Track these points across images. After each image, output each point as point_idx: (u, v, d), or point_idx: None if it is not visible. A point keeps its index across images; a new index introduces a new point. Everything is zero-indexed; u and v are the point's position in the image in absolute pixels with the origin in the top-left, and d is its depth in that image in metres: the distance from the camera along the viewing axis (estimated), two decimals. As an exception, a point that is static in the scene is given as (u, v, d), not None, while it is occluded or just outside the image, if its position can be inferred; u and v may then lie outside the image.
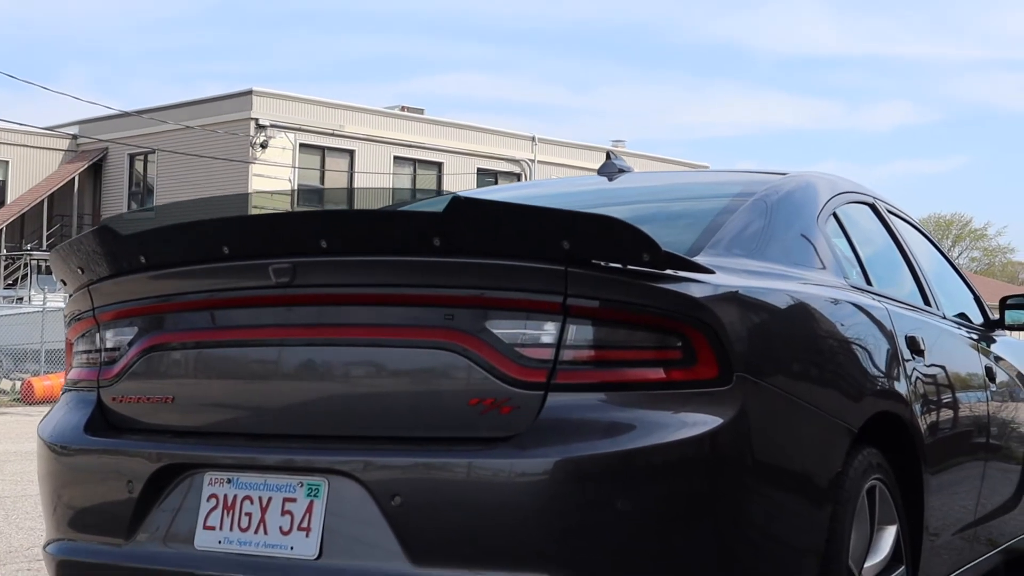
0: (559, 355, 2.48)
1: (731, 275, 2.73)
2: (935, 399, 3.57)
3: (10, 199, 35.97)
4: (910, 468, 3.28)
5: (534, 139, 37.82)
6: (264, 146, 32.53)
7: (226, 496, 2.70)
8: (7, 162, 36.10)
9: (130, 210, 34.59)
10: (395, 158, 35.25)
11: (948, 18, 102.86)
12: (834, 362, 2.96)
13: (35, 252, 33.98)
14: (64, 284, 3.11)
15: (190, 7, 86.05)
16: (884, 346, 3.24)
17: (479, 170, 36.57)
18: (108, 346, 3.01)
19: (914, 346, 3.45)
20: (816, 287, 3.04)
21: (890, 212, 4.25)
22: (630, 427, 2.44)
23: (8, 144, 35.40)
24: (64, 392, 3.20)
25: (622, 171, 4.21)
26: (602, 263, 2.48)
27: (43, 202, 36.01)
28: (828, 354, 2.96)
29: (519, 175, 37.15)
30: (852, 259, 3.56)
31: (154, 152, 34.87)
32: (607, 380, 2.48)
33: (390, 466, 2.51)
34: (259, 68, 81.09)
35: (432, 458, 2.48)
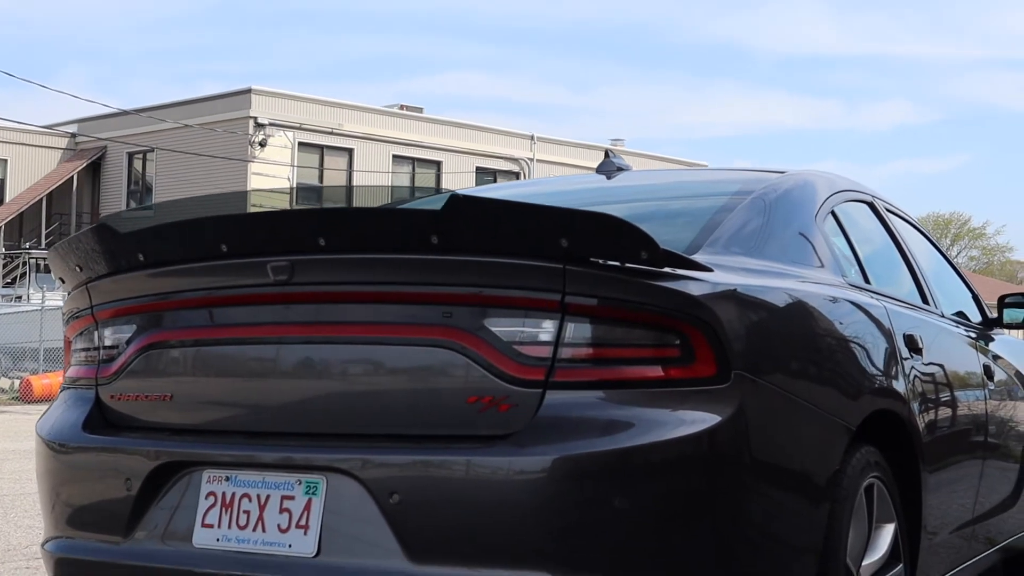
0: (557, 353, 2.48)
1: (729, 273, 2.73)
2: (933, 397, 3.56)
3: (9, 197, 35.94)
4: (908, 466, 3.28)
5: (533, 138, 37.81)
6: (263, 145, 32.52)
7: (224, 494, 2.70)
8: (6, 160, 36.06)
9: (128, 208, 34.57)
10: (394, 157, 35.23)
11: (948, 17, 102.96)
12: (832, 360, 2.96)
13: (34, 250, 33.97)
14: (62, 282, 3.11)
15: (190, 7, 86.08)
16: (882, 344, 3.24)
17: (478, 169, 36.56)
18: (106, 344, 3.01)
19: (912, 344, 3.45)
20: (814, 285, 3.04)
21: (888, 211, 4.25)
22: (628, 425, 2.44)
23: (7, 143, 35.37)
24: (62, 390, 3.20)
25: (620, 169, 4.21)
26: (600, 261, 2.47)
27: (42, 200, 35.99)
28: (826, 352, 2.96)
29: (518, 174, 37.13)
30: (850, 257, 3.56)
31: (153, 151, 34.86)
32: (605, 378, 2.48)
33: (388, 464, 2.51)
34: (258, 67, 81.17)
35: (430, 456, 2.48)
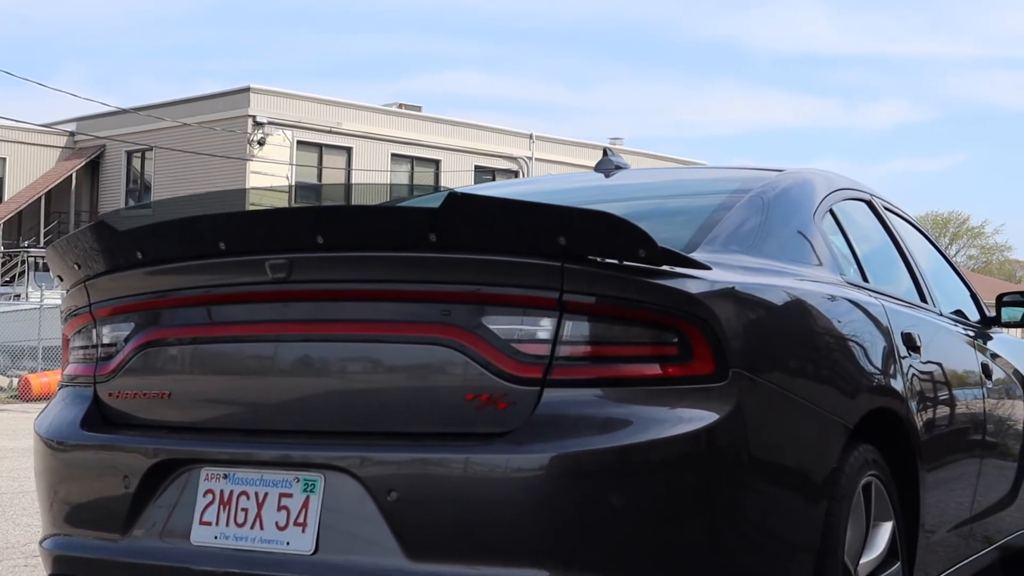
0: (555, 351, 2.48)
1: (727, 271, 2.73)
2: (931, 396, 3.56)
3: (7, 196, 35.93)
4: (906, 464, 3.28)
5: (532, 136, 37.81)
6: (262, 143, 32.51)
7: (222, 491, 2.70)
8: (4, 159, 36.04)
9: (127, 207, 34.55)
10: (392, 155, 35.23)
11: (947, 17, 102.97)
12: (830, 358, 2.96)
13: (32, 249, 33.97)
14: (61, 280, 3.11)
15: (189, 5, 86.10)
16: (880, 343, 3.24)
17: (476, 168, 36.55)
18: (104, 342, 3.01)
19: (910, 343, 3.45)
20: (812, 283, 3.04)
21: (887, 209, 4.25)
22: (626, 423, 2.44)
23: (6, 141, 35.37)
24: (60, 387, 3.20)
25: (619, 168, 4.21)
26: (598, 259, 2.47)
27: (40, 199, 35.98)
28: (824, 350, 2.96)
29: (517, 172, 37.13)
30: (849, 256, 3.56)
31: (152, 149, 34.85)
32: (603, 376, 2.48)
33: (386, 462, 2.51)
34: (257, 66, 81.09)
35: (428, 454, 2.48)
